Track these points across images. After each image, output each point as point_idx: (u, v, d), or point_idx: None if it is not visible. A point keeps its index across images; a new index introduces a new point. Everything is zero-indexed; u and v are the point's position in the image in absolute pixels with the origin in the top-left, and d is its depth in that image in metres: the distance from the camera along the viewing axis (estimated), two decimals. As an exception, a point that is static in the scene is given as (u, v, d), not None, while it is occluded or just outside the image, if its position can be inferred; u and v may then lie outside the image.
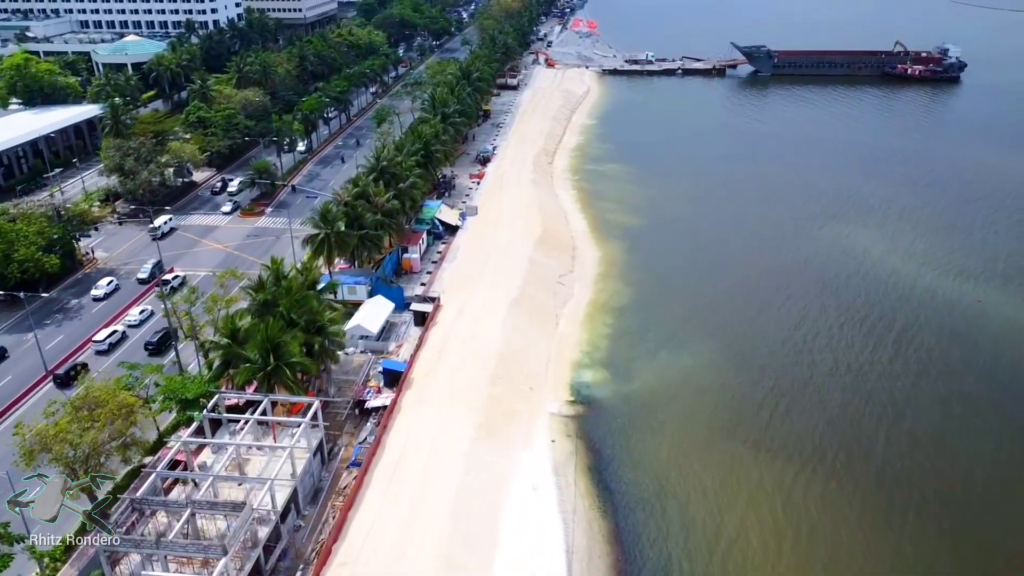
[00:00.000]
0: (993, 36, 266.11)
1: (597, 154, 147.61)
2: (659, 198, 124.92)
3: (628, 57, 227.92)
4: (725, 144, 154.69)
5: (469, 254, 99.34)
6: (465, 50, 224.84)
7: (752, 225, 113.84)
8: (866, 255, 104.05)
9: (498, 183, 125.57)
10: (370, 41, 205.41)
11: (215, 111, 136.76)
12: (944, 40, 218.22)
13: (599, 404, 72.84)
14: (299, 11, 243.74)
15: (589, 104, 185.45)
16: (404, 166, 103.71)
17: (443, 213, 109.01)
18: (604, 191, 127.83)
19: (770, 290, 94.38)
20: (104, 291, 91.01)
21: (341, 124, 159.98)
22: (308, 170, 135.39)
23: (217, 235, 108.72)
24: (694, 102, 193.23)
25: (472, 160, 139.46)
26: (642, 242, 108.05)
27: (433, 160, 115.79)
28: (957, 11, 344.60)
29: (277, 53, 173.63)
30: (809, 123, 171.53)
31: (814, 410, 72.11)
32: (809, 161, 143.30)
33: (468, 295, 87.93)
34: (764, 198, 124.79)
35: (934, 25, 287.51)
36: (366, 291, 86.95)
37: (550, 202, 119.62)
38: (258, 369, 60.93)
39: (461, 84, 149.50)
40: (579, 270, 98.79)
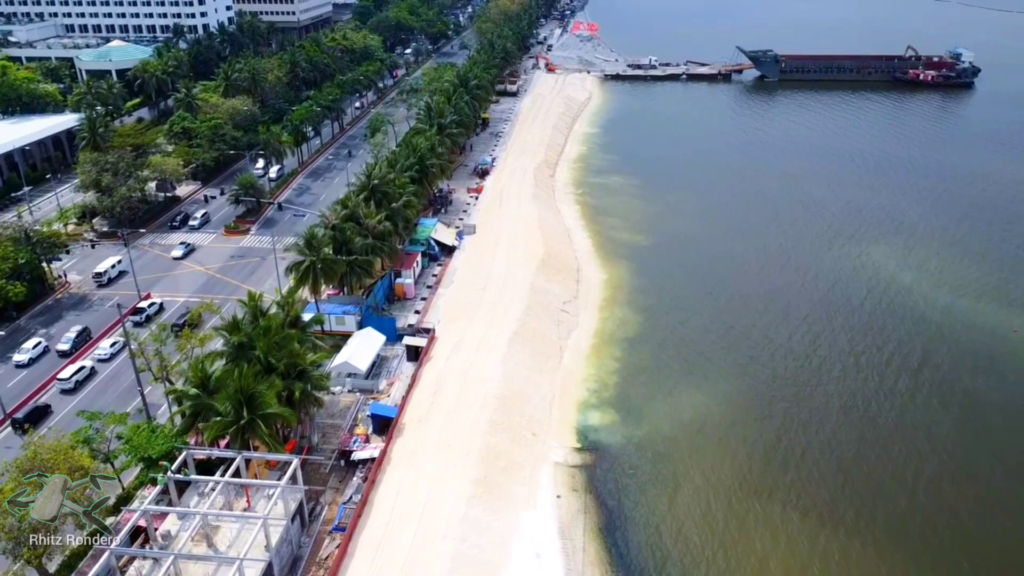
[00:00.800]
0: (1005, 39, 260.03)
1: (600, 166, 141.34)
2: (665, 213, 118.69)
3: (631, 61, 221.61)
4: (732, 155, 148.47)
5: (466, 278, 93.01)
6: (463, 54, 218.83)
7: (762, 243, 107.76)
8: (879, 275, 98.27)
9: (497, 198, 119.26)
10: (365, 45, 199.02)
11: (200, 121, 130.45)
12: (956, 44, 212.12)
13: (608, 451, 66.56)
14: (292, 14, 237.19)
15: (591, 111, 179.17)
16: (397, 183, 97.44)
17: (439, 232, 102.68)
18: (608, 206, 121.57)
19: (782, 315, 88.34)
20: (28, 356, 76.93)
21: (333, 133, 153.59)
22: (298, 183, 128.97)
23: (199, 256, 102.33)
24: (699, 109, 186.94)
25: (470, 172, 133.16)
26: (649, 263, 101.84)
27: (428, 175, 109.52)
28: (966, 13, 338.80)
29: (268, 59, 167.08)
30: (817, 132, 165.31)
31: (832, 455, 66.39)
32: (819, 173, 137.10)
33: (465, 326, 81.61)
34: (773, 213, 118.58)
35: (944, 28, 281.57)
36: (355, 321, 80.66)
37: (552, 219, 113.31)
38: (230, 423, 54.59)
39: (458, 92, 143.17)
40: (584, 295, 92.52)
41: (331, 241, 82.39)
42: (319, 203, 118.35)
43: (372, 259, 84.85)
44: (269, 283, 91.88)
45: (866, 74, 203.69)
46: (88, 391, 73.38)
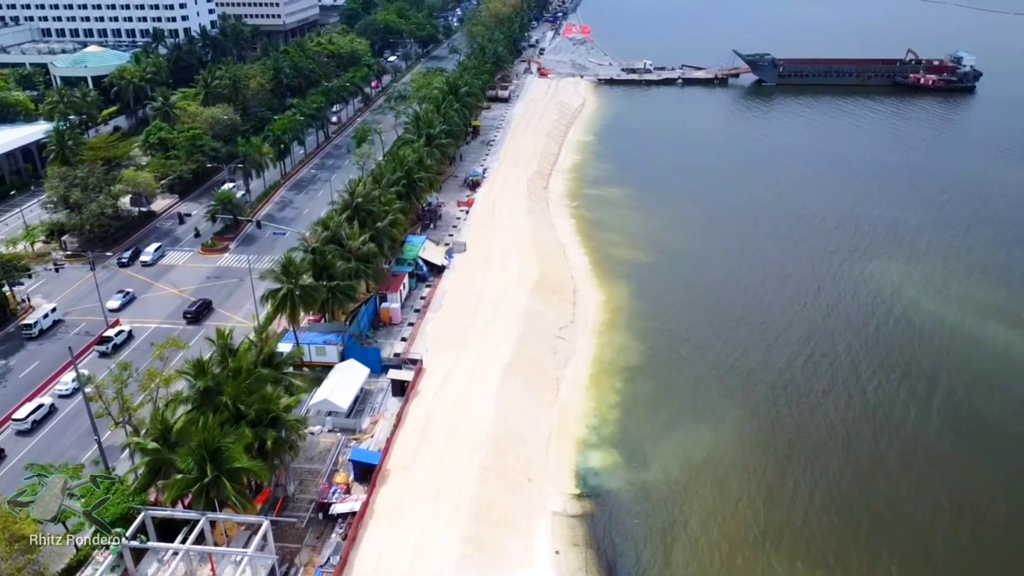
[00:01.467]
0: (1004, 41, 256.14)
1: (596, 176, 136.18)
2: (665, 228, 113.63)
3: (625, 66, 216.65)
4: (730, 163, 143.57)
5: (457, 302, 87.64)
6: (453, 58, 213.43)
7: (762, 259, 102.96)
8: (882, 292, 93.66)
9: (489, 212, 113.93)
10: (352, 50, 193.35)
11: (178, 132, 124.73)
12: (956, 47, 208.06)
13: (610, 498, 61.34)
14: (278, 17, 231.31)
15: (585, 118, 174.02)
16: (383, 200, 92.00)
17: (427, 251, 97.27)
18: (605, 220, 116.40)
19: (793, 342, 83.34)
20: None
21: (319, 142, 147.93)
22: (280, 196, 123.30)
23: (173, 276, 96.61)
24: (696, 115, 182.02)
25: (460, 184, 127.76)
26: (649, 282, 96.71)
27: (416, 190, 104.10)
28: (962, 15, 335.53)
29: (250, 65, 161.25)
30: (817, 139, 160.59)
31: (840, 496, 61.52)
32: (818, 183, 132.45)
33: (456, 356, 76.24)
34: (773, 226, 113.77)
35: (941, 30, 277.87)
36: (337, 352, 75.19)
37: (547, 235, 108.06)
38: (192, 481, 49.10)
39: (448, 100, 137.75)
40: (581, 319, 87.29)
41: (311, 266, 76.93)
42: (302, 218, 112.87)
43: (355, 283, 79.45)
44: (247, 307, 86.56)
45: (866, 78, 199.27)
46: (46, 432, 67.73)
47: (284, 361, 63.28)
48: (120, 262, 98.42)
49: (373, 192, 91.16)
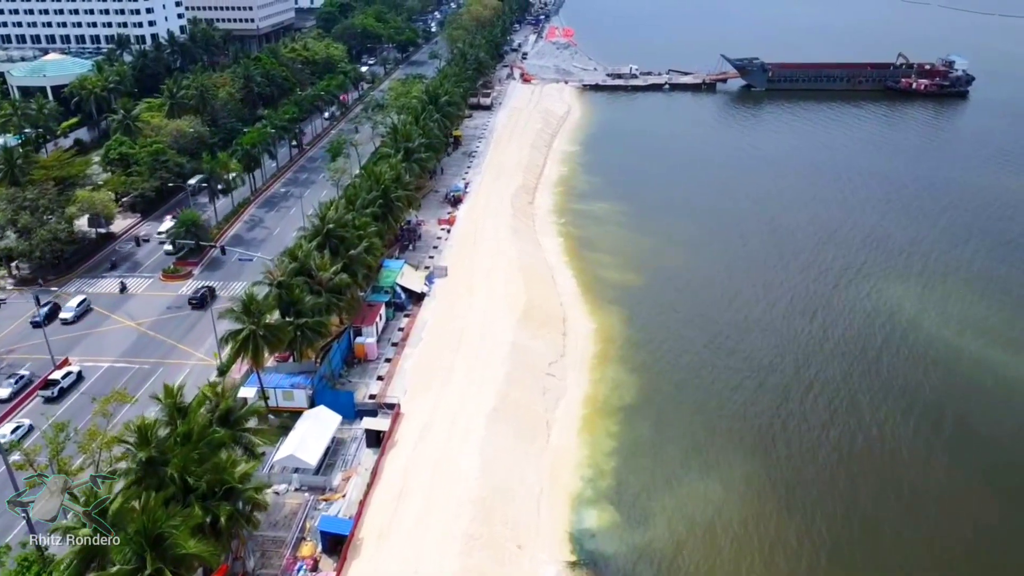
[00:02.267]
0: (993, 43, 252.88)
1: (584, 190, 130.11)
2: (657, 246, 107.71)
3: (610, 71, 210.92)
4: (721, 175, 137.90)
5: (437, 335, 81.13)
6: (433, 64, 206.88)
7: (760, 280, 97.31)
8: (895, 320, 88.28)
9: (472, 231, 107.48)
10: (328, 56, 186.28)
11: (140, 146, 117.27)
12: (945, 50, 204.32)
13: (609, 565, 55.20)
14: (251, 21, 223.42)
15: (571, 126, 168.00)
16: (357, 224, 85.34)
17: (406, 277, 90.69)
18: (594, 238, 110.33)
19: (790, 372, 78.07)
20: None
21: (292, 156, 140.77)
22: (250, 214, 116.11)
23: (131, 307, 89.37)
24: (684, 123, 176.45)
25: (441, 200, 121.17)
26: (642, 308, 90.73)
27: (394, 210, 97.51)
28: (948, 17, 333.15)
29: (220, 73, 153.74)
30: (809, 147, 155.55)
31: (860, 557, 55.83)
32: (814, 195, 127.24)
33: (437, 399, 69.79)
34: (769, 243, 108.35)
35: (929, 32, 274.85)
36: (306, 396, 68.58)
37: (533, 255, 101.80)
38: (130, 573, 42.36)
39: (427, 111, 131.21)
40: (571, 351, 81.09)
41: (276, 301, 70.21)
42: (272, 239, 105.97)
43: (326, 319, 72.78)
44: (209, 343, 79.65)
45: (857, 83, 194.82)
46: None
47: (244, 415, 56.65)
48: (34, 322, 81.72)
49: (346, 216, 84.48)
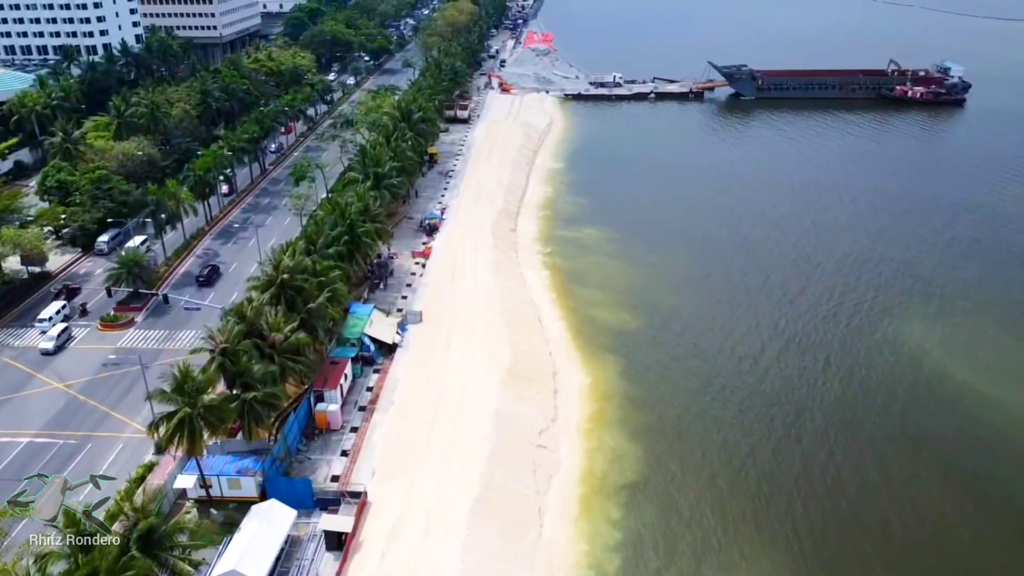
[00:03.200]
0: (984, 48, 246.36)
1: (570, 213, 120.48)
2: (650, 280, 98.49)
3: (593, 79, 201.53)
4: (713, 194, 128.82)
5: (411, 398, 71.04)
6: (407, 72, 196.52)
7: (764, 320, 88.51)
8: (919, 367, 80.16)
9: (449, 266, 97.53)
10: (295, 66, 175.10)
11: (81, 172, 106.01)
12: (937, 56, 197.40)
13: None
14: (214, 28, 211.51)
15: (554, 140, 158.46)
16: (318, 268, 75.09)
17: (375, 325, 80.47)
18: (583, 271, 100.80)
19: (807, 435, 69.75)
20: None
21: (253, 177, 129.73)
22: (204, 248, 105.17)
23: (60, 363, 78.40)
24: (672, 135, 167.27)
25: (415, 228, 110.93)
26: (639, 356, 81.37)
27: (361, 247, 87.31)
28: (932, 19, 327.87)
29: (174, 87, 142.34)
30: (804, 162, 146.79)
31: None
32: (810, 217, 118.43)
33: (410, 484, 59.82)
34: (771, 275, 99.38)
35: (916, 35, 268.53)
36: (256, 484, 58.40)
37: (518, 294, 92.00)
38: None
39: (399, 129, 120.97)
40: (564, 413, 71.45)
41: (218, 373, 59.91)
42: (228, 278, 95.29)
43: (278, 391, 62.50)
44: (147, 411, 68.96)
45: (850, 91, 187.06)
46: None
47: (172, 532, 46.34)
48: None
49: (304, 261, 74.12)
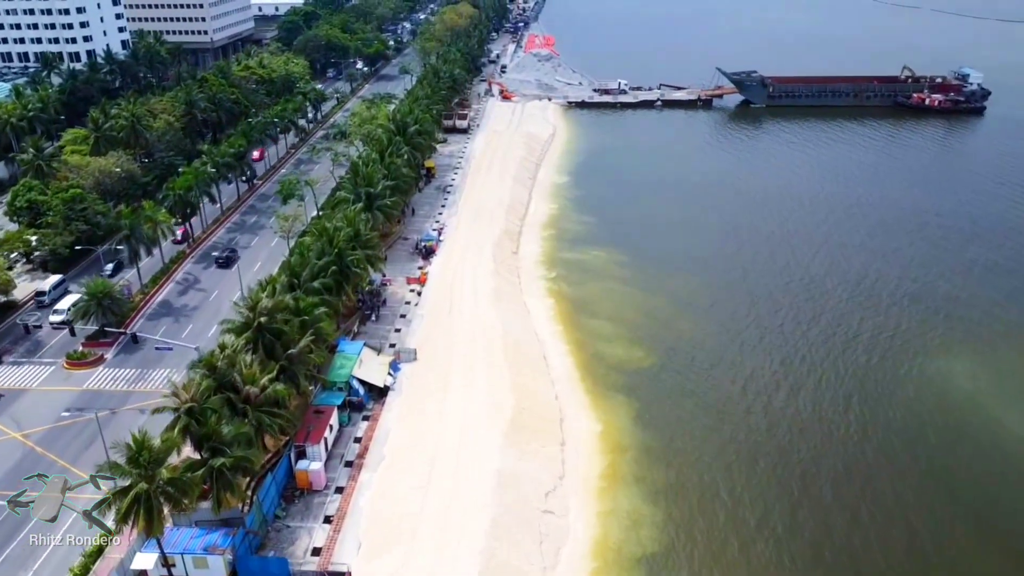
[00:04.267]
0: (1002, 53, 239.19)
1: (576, 232, 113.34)
2: (662, 309, 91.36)
3: (597, 86, 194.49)
4: (724, 210, 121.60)
5: (403, 454, 63.87)
6: (403, 79, 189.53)
7: (782, 354, 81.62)
8: (949, 407, 73.22)
9: (447, 296, 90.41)
10: (287, 73, 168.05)
11: (53, 192, 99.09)
12: (959, 62, 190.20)
13: None
14: (204, 33, 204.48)
15: (557, 151, 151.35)
16: (301, 306, 68.04)
17: (365, 366, 73.38)
18: (591, 298, 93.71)
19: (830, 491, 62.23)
20: None
21: (240, 194, 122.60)
22: (183, 272, 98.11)
23: (19, 407, 71.35)
24: (681, 146, 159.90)
25: (411, 251, 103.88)
26: (653, 398, 74.31)
27: (351, 277, 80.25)
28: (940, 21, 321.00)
29: (158, 97, 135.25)
30: (820, 176, 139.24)
31: None
32: (830, 236, 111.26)
33: (400, 563, 52.65)
34: (785, 302, 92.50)
35: (928, 39, 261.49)
36: (225, 564, 51.35)
37: (520, 329, 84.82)
38: None
39: (394, 143, 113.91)
40: (573, 468, 64.32)
41: (182, 435, 52.83)
42: (208, 307, 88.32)
43: (255, 453, 55.40)
44: (109, 468, 61.92)
45: (864, 99, 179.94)
46: None
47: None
48: None
49: (285, 300, 67.03)
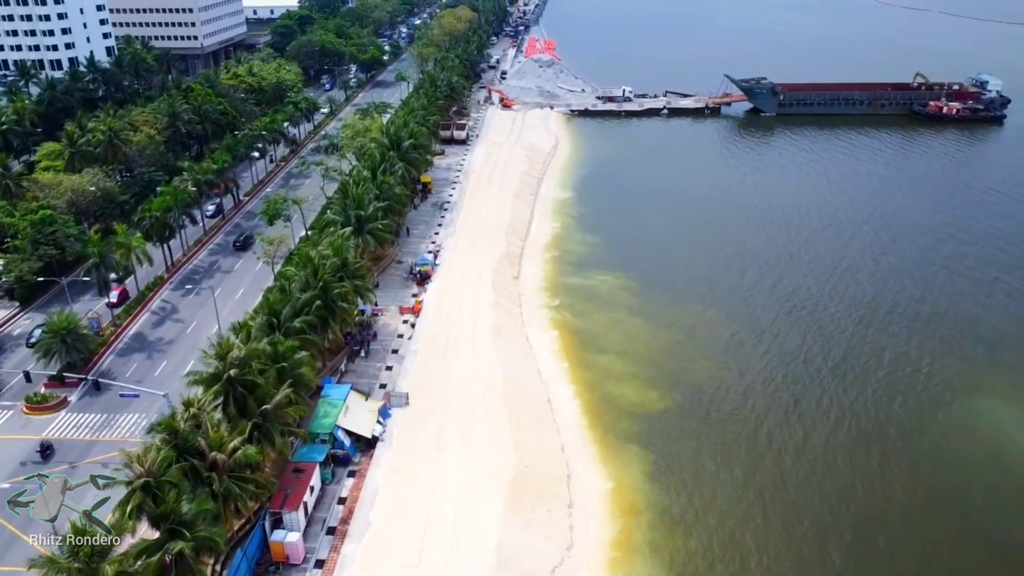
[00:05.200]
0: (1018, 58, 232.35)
1: (580, 255, 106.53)
2: (679, 344, 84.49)
3: (600, 93, 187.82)
4: (740, 231, 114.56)
5: (391, 520, 56.98)
6: (400, 87, 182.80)
7: (810, 398, 74.78)
8: (1000, 460, 66.51)
9: (443, 330, 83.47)
10: (278, 81, 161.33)
11: (21, 214, 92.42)
12: (976, 68, 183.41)
13: None
14: (194, 39, 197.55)
15: (560, 164, 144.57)
16: (281, 350, 61.27)
17: (351, 414, 66.53)
18: (598, 331, 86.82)
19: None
20: None
21: (223, 212, 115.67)
22: (160, 300, 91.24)
23: (-29, 462, 64.61)
24: (688, 157, 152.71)
25: (405, 276, 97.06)
26: (671, 449, 67.55)
27: (336, 312, 73.44)
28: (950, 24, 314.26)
29: (141, 109, 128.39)
30: (835, 189, 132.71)
31: None
32: (851, 260, 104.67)
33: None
34: (812, 336, 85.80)
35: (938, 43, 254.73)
36: (183, 665, 44.44)
37: (523, 369, 77.94)
38: None
39: (388, 159, 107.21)
40: (581, 537, 57.46)
41: (135, 513, 46.04)
42: (185, 340, 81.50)
43: (221, 529, 48.59)
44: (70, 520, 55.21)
45: (879, 107, 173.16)
46: None
47: None
48: None
49: (260, 347, 60.20)
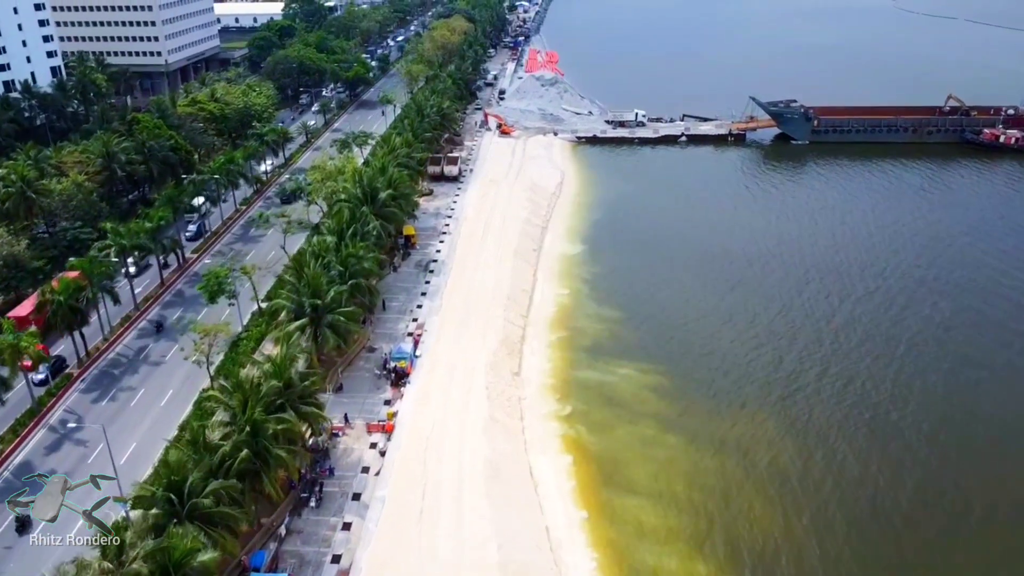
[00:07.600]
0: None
1: (595, 335, 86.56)
2: (727, 478, 64.76)
3: (611, 117, 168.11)
4: (780, 293, 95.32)
5: None
6: (384, 112, 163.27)
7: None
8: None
9: (420, 464, 63.57)
10: (246, 106, 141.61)
11: None
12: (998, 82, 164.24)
13: None
14: (157, 54, 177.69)
15: (566, 206, 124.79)
16: (176, 556, 41.72)
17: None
18: (622, 457, 67.09)
19: None
20: None
21: (163, 278, 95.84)
22: (65, 408, 71.53)
23: None
24: (718, 197, 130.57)
25: (376, 372, 77.27)
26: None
27: (271, 463, 53.71)
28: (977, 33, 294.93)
29: (71, 148, 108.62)
30: (884, 237, 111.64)
31: None
32: (924, 344, 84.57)
33: None
34: (905, 482, 66.19)
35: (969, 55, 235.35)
36: None
37: (525, 536, 57.86)
38: None
39: (361, 216, 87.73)
40: None
41: None
42: (81, 473, 61.28)
43: None
44: None
45: (925, 134, 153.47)
46: None
47: None
48: None
49: (145, 545, 40.59)
